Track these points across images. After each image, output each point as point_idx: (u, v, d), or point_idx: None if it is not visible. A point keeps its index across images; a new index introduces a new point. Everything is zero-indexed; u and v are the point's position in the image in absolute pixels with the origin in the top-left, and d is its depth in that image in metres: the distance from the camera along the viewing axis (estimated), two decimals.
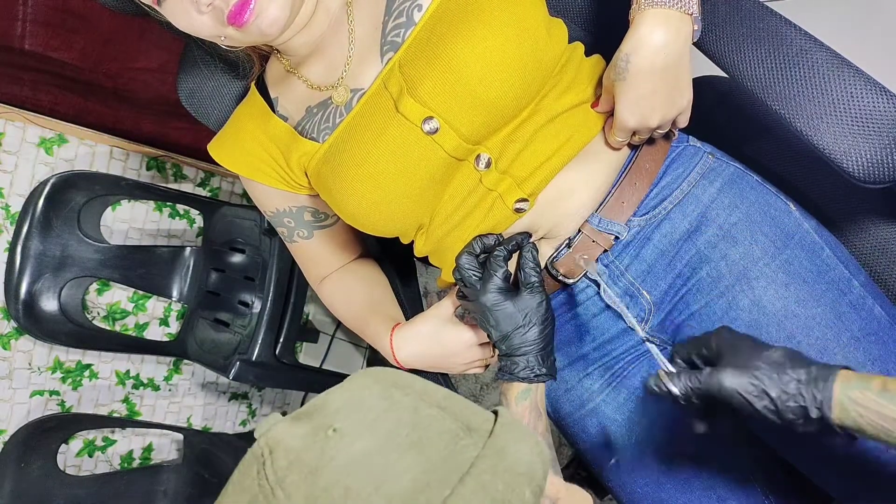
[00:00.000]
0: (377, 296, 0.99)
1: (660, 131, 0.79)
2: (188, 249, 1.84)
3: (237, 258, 1.79)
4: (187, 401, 2.06)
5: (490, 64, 0.73)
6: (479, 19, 0.74)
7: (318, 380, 1.84)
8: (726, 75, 0.76)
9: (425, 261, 0.93)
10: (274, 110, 0.87)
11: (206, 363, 1.78)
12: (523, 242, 0.82)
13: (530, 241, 0.83)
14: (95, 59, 1.61)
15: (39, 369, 1.72)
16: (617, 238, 0.82)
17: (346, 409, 0.49)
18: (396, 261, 1.09)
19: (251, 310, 1.73)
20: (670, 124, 0.78)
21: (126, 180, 1.72)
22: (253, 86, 0.91)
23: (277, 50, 0.88)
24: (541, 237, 0.85)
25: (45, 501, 1.46)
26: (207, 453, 1.78)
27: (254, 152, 0.88)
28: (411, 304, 1.06)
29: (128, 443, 1.90)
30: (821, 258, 0.78)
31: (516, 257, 0.84)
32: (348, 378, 0.54)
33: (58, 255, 1.59)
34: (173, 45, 1.11)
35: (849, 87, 0.68)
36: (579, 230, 0.83)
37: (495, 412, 0.52)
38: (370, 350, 2.18)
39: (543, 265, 0.84)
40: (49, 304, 1.59)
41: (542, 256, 0.85)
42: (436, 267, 0.91)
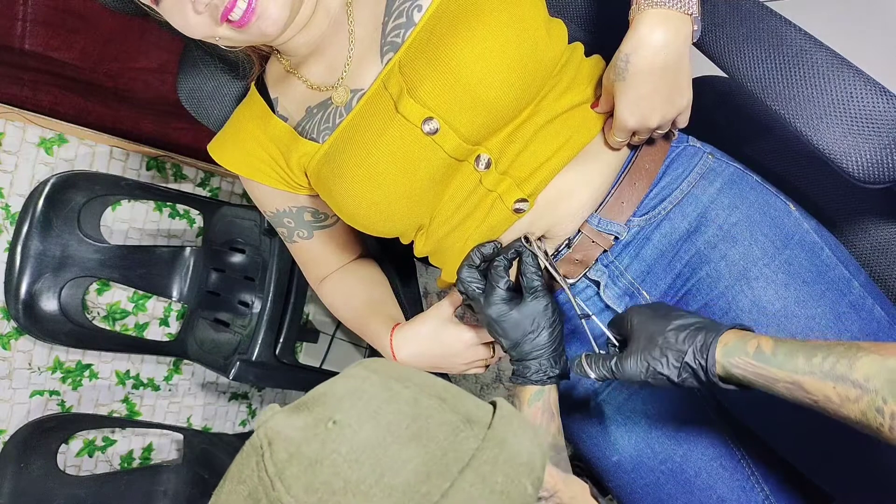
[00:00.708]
0: (377, 296, 0.99)
1: (659, 131, 0.79)
2: (188, 249, 1.84)
3: (237, 258, 1.79)
4: (187, 401, 2.06)
5: (490, 64, 0.73)
6: (478, 20, 0.74)
7: (319, 380, 1.81)
8: (726, 75, 0.76)
9: (425, 261, 0.93)
10: (274, 111, 0.87)
11: (206, 363, 1.79)
12: (522, 249, 0.82)
13: (531, 243, 0.82)
14: (96, 59, 1.61)
15: (39, 369, 1.72)
16: (616, 238, 0.82)
17: (346, 400, 0.49)
18: (396, 261, 1.09)
19: (251, 310, 1.73)
20: (670, 124, 0.78)
21: (126, 180, 1.72)
22: (253, 86, 0.91)
23: (277, 50, 0.88)
24: (540, 237, 0.85)
25: (45, 501, 1.46)
26: (207, 453, 1.78)
27: (254, 152, 0.88)
28: (411, 304, 1.06)
29: (128, 443, 1.90)
30: (821, 258, 0.78)
31: (516, 263, 0.84)
32: (347, 369, 0.54)
33: (58, 255, 1.59)
34: (174, 44, 1.11)
35: (849, 87, 0.68)
36: (579, 230, 0.83)
37: (493, 403, 0.52)
38: (370, 350, 2.18)
39: (545, 264, 0.84)
40: (49, 304, 1.59)
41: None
42: (436, 267, 0.91)
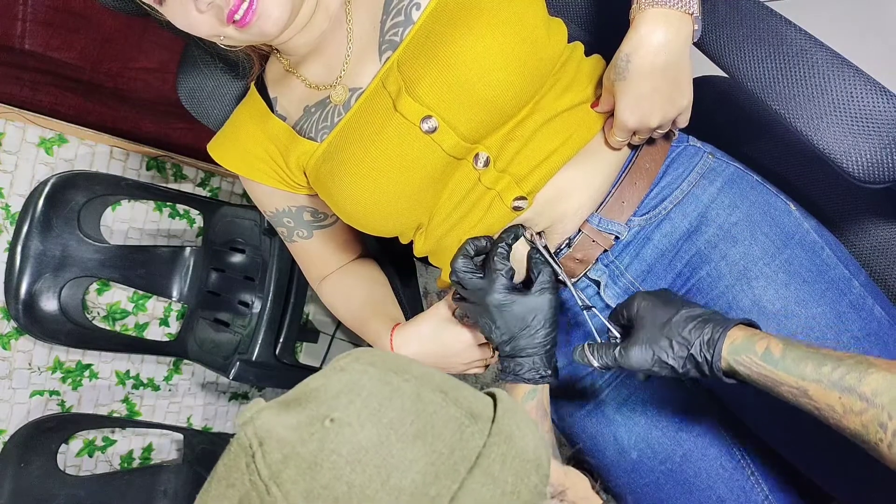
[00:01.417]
0: (377, 296, 0.99)
1: (660, 131, 0.79)
2: (188, 249, 1.84)
3: (237, 258, 1.79)
4: (187, 401, 2.06)
5: (489, 62, 0.73)
6: (477, 18, 0.74)
7: None
8: (726, 75, 0.76)
9: (425, 261, 0.93)
10: (273, 110, 0.87)
11: (206, 363, 1.78)
12: (520, 233, 0.81)
13: (532, 236, 0.82)
14: (96, 59, 1.61)
15: (39, 369, 1.72)
16: (617, 238, 0.82)
17: (343, 396, 0.44)
18: (396, 261, 1.09)
19: (251, 310, 1.72)
20: (670, 124, 0.78)
21: (126, 180, 1.72)
22: (252, 86, 0.91)
23: (277, 49, 0.88)
24: (540, 233, 0.85)
25: (45, 501, 1.46)
26: (207, 453, 1.78)
27: (253, 152, 0.88)
28: (411, 304, 1.06)
29: (128, 443, 1.90)
30: (821, 258, 0.78)
31: (525, 258, 0.83)
32: (337, 360, 0.49)
33: (58, 255, 1.59)
34: (174, 44, 1.11)
35: (849, 87, 0.68)
36: (579, 230, 0.82)
37: (491, 395, 0.49)
38: None
39: (547, 257, 0.83)
40: (49, 304, 1.59)
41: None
42: (436, 267, 0.91)
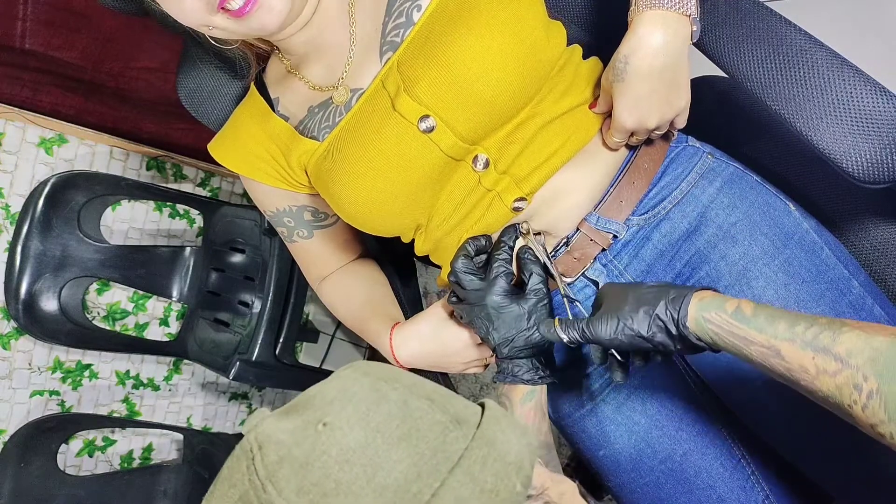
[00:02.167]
0: (377, 295, 0.99)
1: (657, 132, 0.79)
2: (188, 249, 1.84)
3: (237, 258, 1.79)
4: (187, 401, 2.06)
5: (487, 62, 0.73)
6: (477, 19, 0.74)
7: (318, 380, 1.81)
8: (726, 75, 0.76)
9: (425, 260, 0.93)
10: (274, 110, 0.87)
11: (206, 363, 1.78)
12: (518, 234, 0.81)
13: (529, 236, 0.82)
14: (97, 59, 1.61)
15: (39, 369, 1.72)
16: (615, 237, 0.82)
17: (336, 402, 0.49)
18: (396, 261, 1.09)
19: (251, 310, 1.72)
20: (668, 125, 0.78)
21: (126, 180, 1.72)
22: (253, 85, 0.91)
23: (278, 49, 0.88)
24: (538, 233, 0.85)
25: (45, 501, 1.46)
26: (207, 453, 1.78)
27: (254, 151, 0.88)
28: (411, 304, 1.06)
29: (128, 443, 1.90)
30: (820, 258, 0.78)
31: (516, 260, 0.84)
32: (336, 372, 0.55)
33: (58, 255, 1.59)
34: (175, 44, 1.10)
35: (849, 87, 0.68)
36: (577, 229, 0.83)
37: (482, 404, 0.53)
38: (370, 350, 2.18)
39: (543, 259, 0.83)
40: (49, 304, 1.59)
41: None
42: (436, 266, 0.91)
